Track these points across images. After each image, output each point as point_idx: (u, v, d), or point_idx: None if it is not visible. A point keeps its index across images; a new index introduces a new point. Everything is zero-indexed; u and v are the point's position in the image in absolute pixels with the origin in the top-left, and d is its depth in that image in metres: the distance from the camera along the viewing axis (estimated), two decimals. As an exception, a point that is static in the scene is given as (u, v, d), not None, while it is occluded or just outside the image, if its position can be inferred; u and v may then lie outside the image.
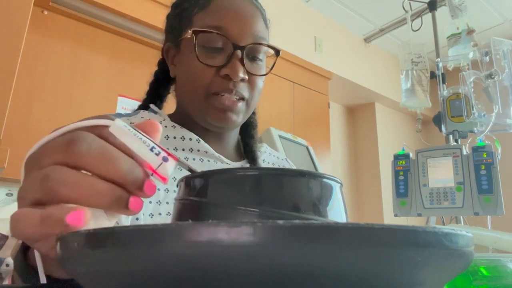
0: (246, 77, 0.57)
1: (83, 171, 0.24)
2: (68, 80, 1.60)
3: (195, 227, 0.16)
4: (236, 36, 0.57)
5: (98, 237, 0.18)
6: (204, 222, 0.16)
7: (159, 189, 0.55)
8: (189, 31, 0.57)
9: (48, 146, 0.25)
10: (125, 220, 0.50)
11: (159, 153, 0.25)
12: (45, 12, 1.60)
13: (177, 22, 0.63)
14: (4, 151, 1.24)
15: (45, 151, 0.25)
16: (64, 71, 1.60)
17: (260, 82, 0.62)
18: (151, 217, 0.53)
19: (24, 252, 0.35)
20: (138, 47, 1.83)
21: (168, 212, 0.54)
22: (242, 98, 0.59)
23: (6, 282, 0.39)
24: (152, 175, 0.25)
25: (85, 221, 0.23)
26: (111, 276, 0.18)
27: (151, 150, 0.25)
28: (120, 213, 0.25)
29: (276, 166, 0.74)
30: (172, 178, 0.57)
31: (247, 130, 0.72)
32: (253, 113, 0.73)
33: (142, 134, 0.26)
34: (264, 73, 0.62)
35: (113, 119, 0.26)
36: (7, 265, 0.45)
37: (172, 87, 0.69)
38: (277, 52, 0.62)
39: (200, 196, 0.25)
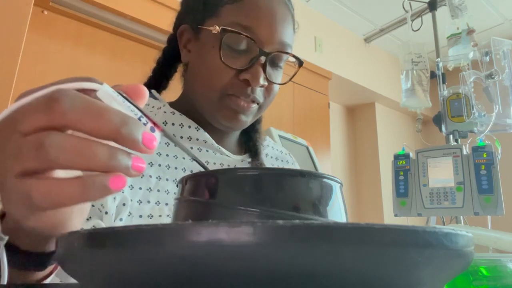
0: (266, 83, 0.56)
1: (75, 133, 0.23)
2: (68, 80, 1.60)
3: (195, 227, 0.16)
4: (264, 41, 0.54)
5: (98, 237, 0.18)
6: (204, 222, 0.16)
7: (150, 176, 0.52)
8: (217, 27, 0.53)
9: (25, 108, 0.23)
10: (111, 202, 0.48)
11: (147, 123, 0.24)
12: (45, 12, 1.60)
13: (200, 5, 0.59)
14: (4, 151, 1.24)
15: (21, 114, 0.23)
16: (64, 71, 1.60)
17: (277, 89, 0.61)
18: (139, 204, 0.50)
19: None
20: (138, 47, 1.83)
21: (157, 201, 0.52)
22: (257, 103, 0.58)
23: None
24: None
25: (125, 184, 0.23)
26: (111, 276, 0.18)
27: (139, 119, 0.24)
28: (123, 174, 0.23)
29: (279, 161, 0.73)
30: (166, 166, 0.55)
31: (253, 124, 0.69)
32: None
33: (130, 102, 0.24)
34: (282, 82, 0.61)
35: (100, 83, 0.24)
36: None
37: (176, 74, 0.67)
38: (300, 63, 0.61)
39: (200, 196, 0.26)
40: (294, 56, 0.59)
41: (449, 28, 1.59)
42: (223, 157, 0.61)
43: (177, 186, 0.29)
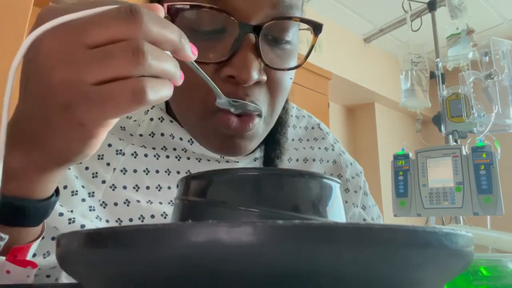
0: (264, 77, 0.38)
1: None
2: (68, 80, 1.60)
3: (195, 227, 0.16)
4: (244, 9, 0.35)
5: (98, 237, 0.18)
6: (204, 222, 0.16)
7: (138, 201, 0.43)
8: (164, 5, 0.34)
9: (96, 19, 0.23)
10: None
11: None
12: (45, 12, 1.60)
13: None
14: (4, 151, 1.24)
15: (92, 24, 0.23)
16: (63, 71, 1.60)
17: (287, 79, 0.41)
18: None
19: None
20: (137, 47, 1.83)
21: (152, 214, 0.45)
22: (259, 114, 0.39)
23: None
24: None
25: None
26: (111, 276, 0.18)
27: None
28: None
29: (304, 141, 0.58)
30: (156, 187, 0.44)
31: (271, 132, 0.48)
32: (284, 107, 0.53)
33: None
34: (295, 64, 0.42)
35: None
36: None
37: None
38: (317, 27, 0.41)
39: (200, 196, 0.26)
40: (304, 20, 0.39)
41: (449, 28, 1.59)
42: (221, 166, 0.47)
43: (177, 186, 0.29)
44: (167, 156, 0.45)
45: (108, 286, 0.19)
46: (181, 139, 0.46)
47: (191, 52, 0.26)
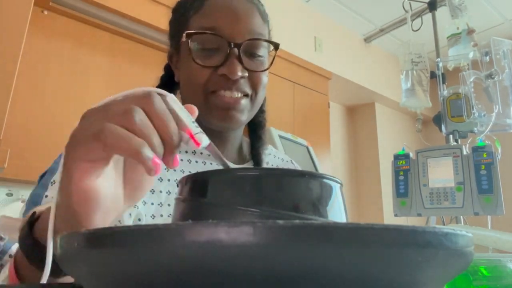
0: (246, 74, 0.57)
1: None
2: (68, 80, 1.60)
3: (195, 227, 0.16)
4: (230, 34, 0.56)
5: (98, 237, 0.18)
6: (204, 222, 0.16)
7: (161, 191, 0.55)
8: (183, 35, 0.57)
9: (127, 96, 0.31)
10: (127, 219, 0.50)
11: (198, 126, 0.32)
12: (45, 12, 1.60)
13: (176, 27, 0.64)
14: (4, 151, 1.24)
15: (124, 100, 0.30)
16: (64, 71, 1.60)
17: (263, 77, 0.61)
18: (153, 218, 0.53)
19: (30, 228, 0.35)
20: (138, 47, 1.82)
21: (170, 214, 0.55)
22: (246, 95, 0.59)
23: (6, 268, 0.40)
24: (188, 140, 0.31)
25: (160, 167, 0.29)
26: (111, 276, 0.18)
27: (193, 122, 0.32)
28: (143, 165, 0.28)
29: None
30: (174, 181, 0.57)
31: (255, 130, 0.71)
32: (262, 111, 0.71)
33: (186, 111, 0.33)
34: (265, 68, 0.61)
35: (168, 93, 0.33)
36: (10, 255, 0.45)
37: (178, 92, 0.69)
38: (276, 46, 0.61)
39: (201, 196, 0.25)
40: (267, 41, 0.60)
41: (449, 28, 1.59)
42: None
43: (177, 186, 0.29)
44: (181, 160, 0.60)
45: (108, 286, 0.19)
46: None
47: (175, 146, 0.30)
